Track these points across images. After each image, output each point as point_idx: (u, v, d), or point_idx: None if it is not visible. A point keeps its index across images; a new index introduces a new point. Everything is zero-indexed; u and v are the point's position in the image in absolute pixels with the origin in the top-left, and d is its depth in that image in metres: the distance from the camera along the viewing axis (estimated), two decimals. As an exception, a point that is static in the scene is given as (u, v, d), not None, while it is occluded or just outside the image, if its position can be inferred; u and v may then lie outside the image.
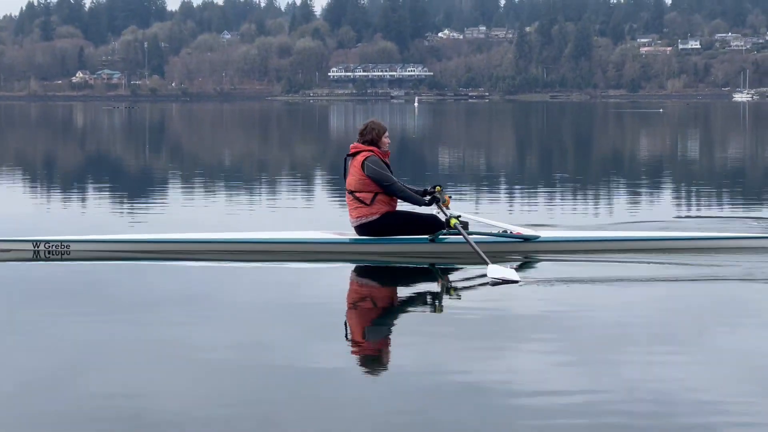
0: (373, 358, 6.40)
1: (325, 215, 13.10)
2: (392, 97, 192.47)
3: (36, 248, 10.14)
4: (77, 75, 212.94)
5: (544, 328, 7.11)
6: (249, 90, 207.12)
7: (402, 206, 10.37)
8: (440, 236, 10.01)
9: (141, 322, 7.29)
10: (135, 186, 20.07)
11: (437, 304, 8.28)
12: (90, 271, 9.58)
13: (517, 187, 19.39)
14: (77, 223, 13.21)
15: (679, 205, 16.05)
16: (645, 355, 6.38)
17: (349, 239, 10.25)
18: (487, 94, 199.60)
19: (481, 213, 13.34)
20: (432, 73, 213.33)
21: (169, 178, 22.23)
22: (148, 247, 10.30)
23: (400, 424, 5.03)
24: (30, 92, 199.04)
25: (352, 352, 6.53)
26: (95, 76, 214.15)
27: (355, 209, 10.14)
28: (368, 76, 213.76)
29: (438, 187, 10.29)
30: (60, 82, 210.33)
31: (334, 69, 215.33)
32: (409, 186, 10.43)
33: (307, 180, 21.07)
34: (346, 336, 6.98)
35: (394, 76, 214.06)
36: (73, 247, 10.16)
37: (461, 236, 9.74)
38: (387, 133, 10.30)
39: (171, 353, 6.37)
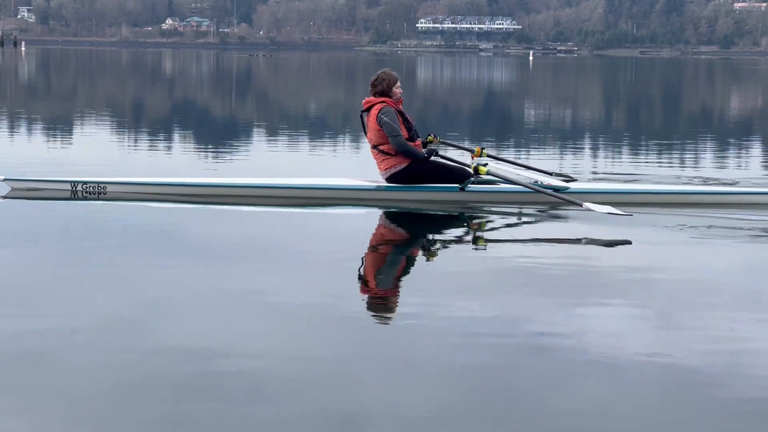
0: (433, 311, 6.30)
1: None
2: (480, 50, 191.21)
3: (74, 188, 10.20)
4: (167, 22, 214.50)
5: (587, 281, 7.04)
6: (336, 40, 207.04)
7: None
8: (469, 185, 10.01)
9: (198, 267, 7.35)
10: (215, 131, 20.21)
11: (475, 252, 8.21)
12: (154, 214, 9.57)
13: (597, 140, 19.18)
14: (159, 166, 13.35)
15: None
16: (720, 312, 6.29)
17: (379, 186, 10.29)
18: (575, 48, 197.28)
19: (531, 161, 13.23)
20: (520, 27, 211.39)
21: (251, 124, 22.35)
22: (187, 191, 10.27)
23: (466, 378, 5.02)
24: (121, 38, 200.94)
25: (411, 304, 6.51)
26: (184, 23, 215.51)
27: (382, 161, 10.20)
28: (456, 28, 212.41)
29: (431, 137, 10.70)
30: (150, 28, 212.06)
31: (423, 20, 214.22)
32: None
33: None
34: (398, 287, 6.96)
35: (482, 28, 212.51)
36: (109, 189, 10.19)
37: (489, 185, 9.92)
38: (398, 83, 10.30)
39: (225, 298, 6.40)
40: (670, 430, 4.32)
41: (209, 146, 16.89)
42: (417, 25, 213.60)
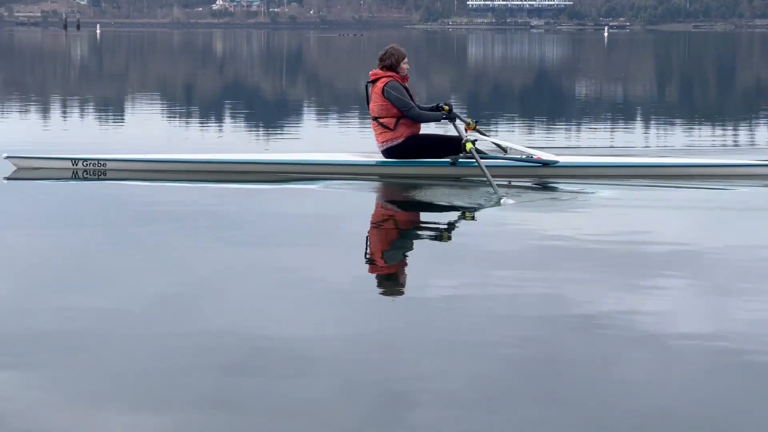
0: (473, 286, 6.27)
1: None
2: (532, 27, 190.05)
3: (74, 166, 10.37)
4: (217, 2, 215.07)
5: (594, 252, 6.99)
6: (387, 18, 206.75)
7: (426, 129, 10.51)
8: (460, 160, 10.08)
9: (233, 247, 7.39)
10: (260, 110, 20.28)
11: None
12: (187, 191, 9.61)
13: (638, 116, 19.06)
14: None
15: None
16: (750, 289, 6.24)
17: (375, 161, 10.40)
18: (627, 24, 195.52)
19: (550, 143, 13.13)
20: (572, 3, 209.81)
21: (302, 102, 22.40)
22: (189, 167, 10.38)
23: (506, 352, 5.02)
24: (173, 19, 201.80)
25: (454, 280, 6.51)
26: (235, 3, 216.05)
27: (380, 134, 10.33)
28: (507, 5, 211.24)
29: (446, 106, 10.39)
30: (201, 9, 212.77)
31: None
32: (423, 106, 10.49)
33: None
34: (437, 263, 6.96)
35: (533, 5, 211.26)
36: (109, 165, 10.37)
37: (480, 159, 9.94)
38: (406, 59, 10.46)
39: (266, 277, 6.44)
40: (717, 406, 4.30)
41: (263, 124, 16.95)
42: (468, 2, 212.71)
